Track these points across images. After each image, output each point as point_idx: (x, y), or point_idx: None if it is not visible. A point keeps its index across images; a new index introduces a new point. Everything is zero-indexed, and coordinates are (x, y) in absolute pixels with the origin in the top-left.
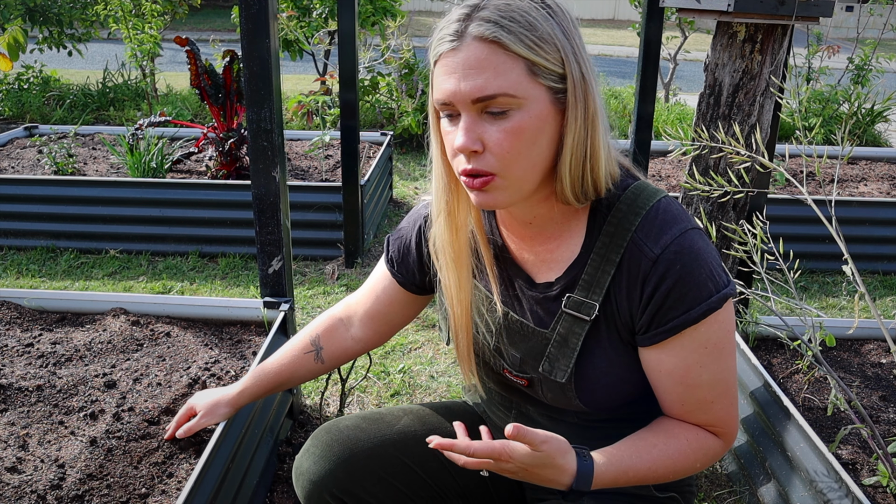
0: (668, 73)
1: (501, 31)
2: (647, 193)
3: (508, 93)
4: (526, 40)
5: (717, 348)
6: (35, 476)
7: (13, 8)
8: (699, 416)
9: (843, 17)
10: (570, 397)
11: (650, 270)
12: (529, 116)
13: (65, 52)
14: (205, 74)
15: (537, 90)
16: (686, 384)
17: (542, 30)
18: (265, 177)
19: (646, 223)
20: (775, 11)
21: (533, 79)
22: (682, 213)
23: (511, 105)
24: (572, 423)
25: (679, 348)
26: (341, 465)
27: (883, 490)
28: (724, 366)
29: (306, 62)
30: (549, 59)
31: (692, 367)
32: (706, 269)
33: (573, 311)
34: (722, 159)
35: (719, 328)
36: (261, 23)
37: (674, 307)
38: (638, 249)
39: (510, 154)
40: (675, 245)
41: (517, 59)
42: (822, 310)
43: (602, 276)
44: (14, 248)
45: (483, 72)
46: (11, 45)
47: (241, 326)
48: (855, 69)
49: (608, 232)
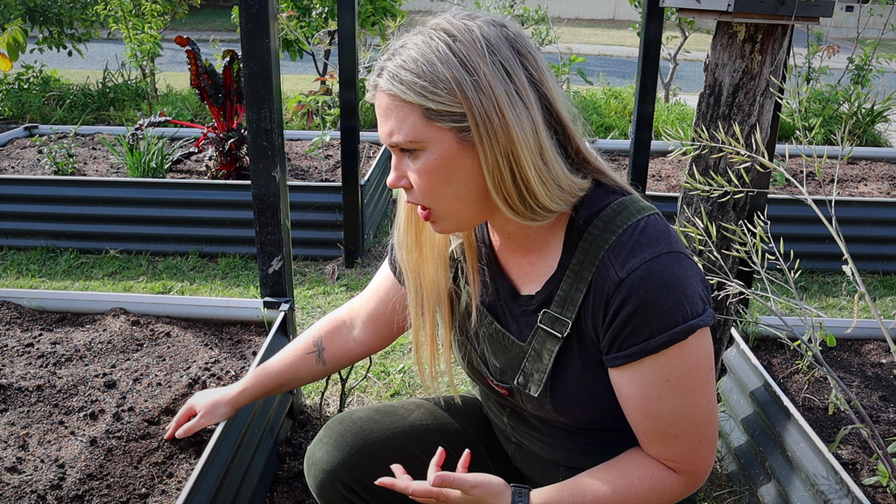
0: (668, 73)
1: (395, 83)
2: (628, 212)
3: (409, 138)
4: (416, 88)
5: (681, 382)
6: (35, 476)
7: (13, 8)
8: (659, 448)
9: (843, 17)
10: (547, 410)
11: (613, 294)
12: (435, 157)
13: (65, 52)
14: (205, 74)
15: (437, 133)
16: (644, 413)
17: (434, 73)
18: (265, 177)
19: (618, 243)
20: (775, 11)
21: (429, 123)
22: (661, 234)
23: (416, 147)
24: (563, 427)
25: (637, 376)
26: (354, 455)
27: (883, 490)
28: (689, 402)
29: (306, 62)
30: (443, 101)
31: (650, 397)
32: (673, 298)
33: (547, 328)
34: (722, 159)
35: (682, 362)
36: (261, 23)
37: (633, 334)
38: (605, 270)
39: (428, 192)
40: (641, 270)
41: (412, 107)
42: (822, 310)
43: (575, 293)
44: (14, 248)
45: (388, 120)
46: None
47: (241, 326)
48: (855, 69)
49: (583, 248)
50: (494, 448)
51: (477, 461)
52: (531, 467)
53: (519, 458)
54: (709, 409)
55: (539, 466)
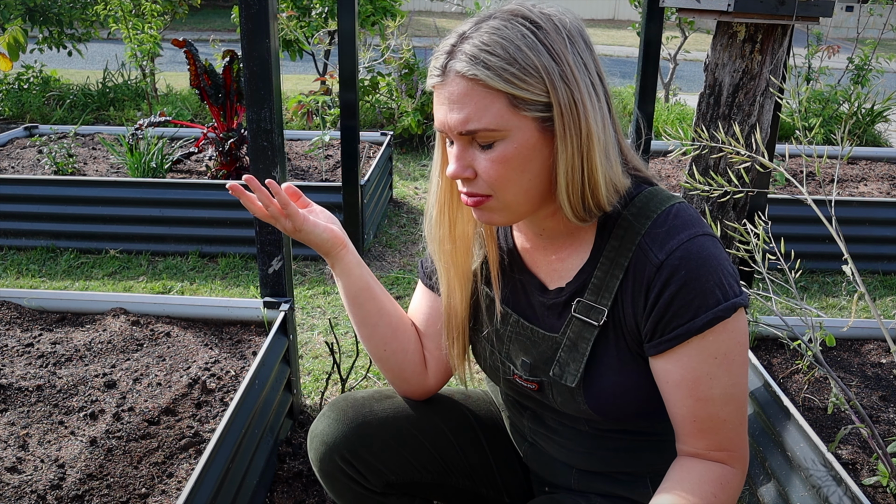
0: (668, 73)
1: (480, 67)
2: (659, 199)
3: (489, 128)
4: (505, 74)
5: (728, 359)
6: (35, 476)
7: (13, 8)
8: (710, 437)
9: (843, 17)
10: (580, 402)
11: (654, 276)
12: (515, 146)
13: (65, 52)
14: (204, 74)
15: (521, 121)
16: (696, 397)
17: (525, 61)
18: (265, 177)
19: (654, 228)
20: (775, 11)
21: (515, 111)
22: (694, 218)
23: (495, 137)
24: (584, 430)
25: (686, 358)
26: (354, 429)
27: (883, 490)
28: (735, 380)
29: (306, 62)
30: (532, 90)
31: (701, 378)
32: (714, 277)
33: (582, 316)
34: (722, 159)
35: (728, 338)
36: (261, 23)
37: (678, 315)
38: (644, 254)
39: (499, 181)
40: (680, 251)
41: (498, 94)
42: (823, 310)
43: (611, 280)
44: (14, 248)
45: (465, 107)
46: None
47: (241, 326)
48: (855, 69)
49: (618, 235)
50: (497, 441)
51: (477, 450)
52: (543, 467)
53: (532, 456)
54: (746, 388)
55: (552, 467)
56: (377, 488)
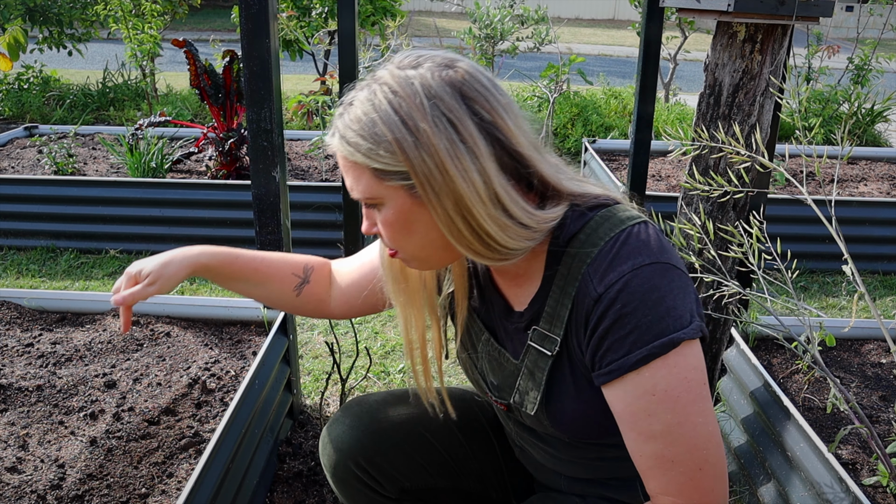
0: (668, 73)
1: (344, 144)
2: (610, 223)
3: (365, 196)
4: (362, 150)
5: (669, 396)
6: (35, 476)
7: (13, 8)
8: (659, 478)
9: (843, 17)
10: (546, 425)
11: (592, 309)
12: (393, 212)
13: (65, 52)
14: (204, 74)
15: (389, 190)
16: (637, 431)
17: (379, 135)
18: (265, 177)
19: (599, 257)
20: (775, 11)
21: (381, 182)
22: (643, 245)
23: (376, 202)
24: (566, 441)
25: (622, 393)
26: (369, 435)
27: (883, 490)
28: (681, 419)
29: (306, 62)
30: (387, 162)
31: (638, 413)
32: (654, 311)
33: (536, 345)
34: (722, 159)
35: (668, 374)
36: (261, 23)
37: (612, 349)
38: (585, 286)
39: (393, 241)
40: (620, 283)
41: (363, 167)
42: (822, 310)
43: (561, 309)
44: (14, 248)
45: (347, 177)
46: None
47: (241, 326)
48: (855, 69)
49: (566, 263)
50: (506, 442)
51: (489, 455)
52: (535, 471)
53: (524, 459)
54: (706, 431)
55: (542, 472)
56: (392, 494)
